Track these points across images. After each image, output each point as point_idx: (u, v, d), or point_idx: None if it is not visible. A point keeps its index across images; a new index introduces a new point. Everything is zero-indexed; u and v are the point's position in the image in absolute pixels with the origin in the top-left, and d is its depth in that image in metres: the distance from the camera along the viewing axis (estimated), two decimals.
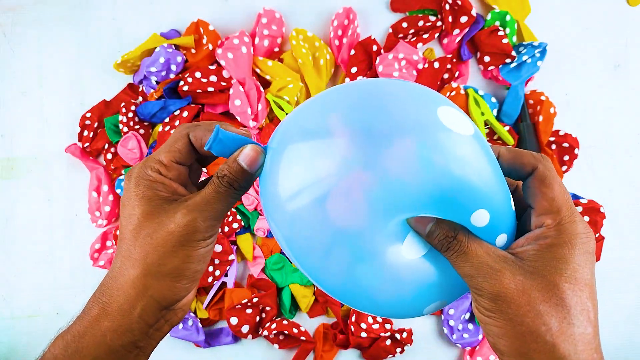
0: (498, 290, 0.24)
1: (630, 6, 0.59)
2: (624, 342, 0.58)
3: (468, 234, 0.26)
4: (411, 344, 0.57)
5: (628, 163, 0.59)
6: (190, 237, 0.27)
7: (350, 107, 0.26)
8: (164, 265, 0.27)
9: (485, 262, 0.25)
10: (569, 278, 0.24)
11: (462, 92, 0.57)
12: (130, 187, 0.28)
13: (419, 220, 0.26)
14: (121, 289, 0.27)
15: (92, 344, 0.27)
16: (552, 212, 0.26)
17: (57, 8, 0.60)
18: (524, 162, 0.27)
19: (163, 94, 0.57)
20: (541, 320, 0.24)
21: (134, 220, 0.27)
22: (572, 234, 0.25)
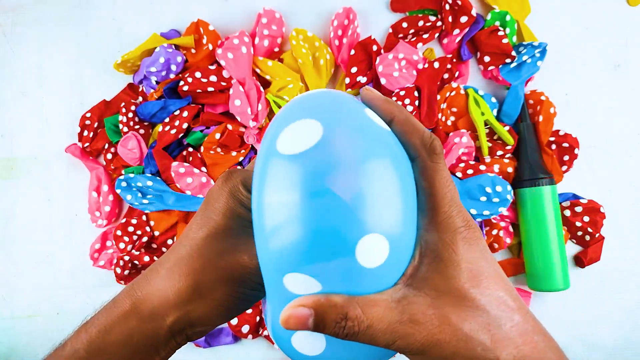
0: (422, 342, 0.21)
1: (630, 6, 0.59)
2: (623, 342, 0.58)
3: (357, 301, 0.22)
4: None
5: (628, 163, 0.59)
6: (254, 277, 0.25)
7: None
8: (216, 290, 0.25)
9: (392, 321, 0.21)
10: (469, 280, 0.22)
11: (462, 92, 0.57)
12: (224, 193, 0.26)
13: (294, 320, 0.21)
14: (161, 291, 0.25)
15: (118, 342, 0.25)
16: (428, 208, 0.23)
17: (57, 8, 0.60)
18: (410, 141, 0.23)
19: (163, 94, 0.57)
20: (474, 342, 0.21)
21: (211, 225, 0.25)
22: (452, 230, 0.23)
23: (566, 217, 0.57)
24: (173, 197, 0.57)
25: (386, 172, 0.21)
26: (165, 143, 0.56)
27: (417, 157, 0.23)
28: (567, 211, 0.57)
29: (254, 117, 0.56)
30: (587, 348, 0.58)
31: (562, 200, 0.58)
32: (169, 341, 0.26)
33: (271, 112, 0.57)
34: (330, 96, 0.24)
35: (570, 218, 0.57)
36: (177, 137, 0.56)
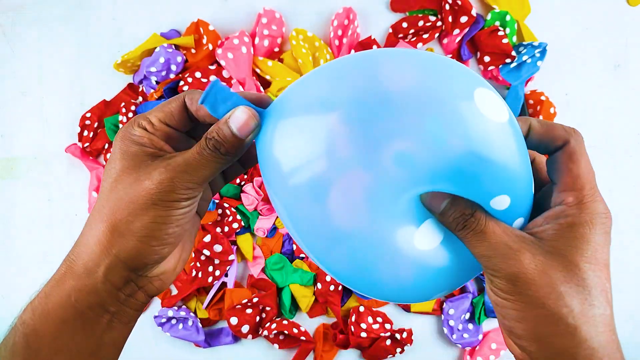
0: (517, 271, 0.23)
1: (630, 6, 0.59)
2: (624, 342, 0.58)
3: (486, 212, 0.25)
4: (411, 344, 0.57)
5: (628, 163, 0.59)
6: (164, 196, 0.25)
7: (365, 86, 0.24)
8: (132, 223, 0.25)
9: (504, 241, 0.24)
10: (589, 258, 0.23)
11: None
12: (117, 141, 0.26)
13: (434, 196, 0.25)
14: (87, 245, 0.26)
15: (58, 304, 0.25)
16: (574, 189, 0.25)
17: (57, 8, 0.60)
18: (555, 135, 0.26)
19: (163, 94, 0.57)
20: (563, 302, 0.23)
21: (112, 174, 0.26)
22: (594, 213, 0.24)
23: None
24: None
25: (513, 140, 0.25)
26: None
27: (566, 142, 0.26)
28: None
29: None
30: None
31: None
32: (115, 294, 0.26)
33: None
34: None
35: None
36: None
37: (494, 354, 0.57)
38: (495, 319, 0.59)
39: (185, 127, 0.28)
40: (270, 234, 0.58)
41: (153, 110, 0.27)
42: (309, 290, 0.57)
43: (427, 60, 0.25)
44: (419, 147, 0.23)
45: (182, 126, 0.28)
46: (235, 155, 0.26)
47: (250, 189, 0.57)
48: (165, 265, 0.28)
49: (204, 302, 0.57)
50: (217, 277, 0.56)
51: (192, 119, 0.28)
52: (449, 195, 0.25)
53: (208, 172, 0.26)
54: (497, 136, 0.24)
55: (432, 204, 0.25)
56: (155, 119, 0.27)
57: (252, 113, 0.25)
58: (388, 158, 0.23)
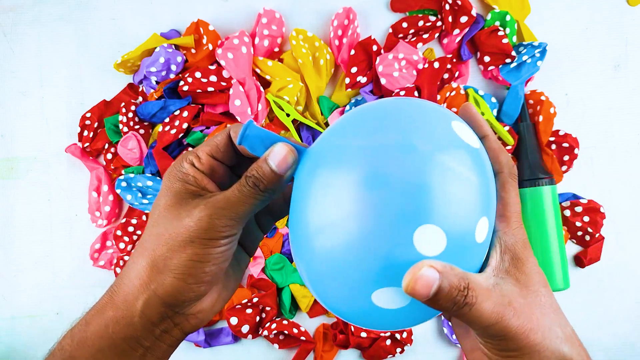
0: (516, 327, 0.23)
1: (630, 6, 0.59)
2: (623, 342, 0.58)
3: (475, 277, 0.23)
4: (411, 344, 0.57)
5: (628, 163, 0.59)
6: (202, 233, 0.25)
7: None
8: (170, 259, 0.25)
9: (498, 302, 0.23)
10: (540, 280, 0.25)
11: (462, 92, 0.57)
12: (164, 179, 0.27)
13: (418, 281, 0.21)
14: (128, 278, 0.26)
15: (96, 333, 0.26)
16: (504, 215, 0.26)
17: (57, 8, 0.60)
18: (497, 160, 0.27)
19: (163, 94, 0.57)
20: (552, 334, 0.24)
21: (156, 210, 0.27)
22: (523, 237, 0.26)
23: (566, 217, 0.57)
24: None
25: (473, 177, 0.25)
26: (165, 143, 0.56)
27: (501, 172, 0.27)
28: (567, 211, 0.57)
29: (254, 117, 0.56)
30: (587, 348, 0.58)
31: (562, 200, 0.58)
32: (151, 329, 0.26)
33: (271, 112, 0.57)
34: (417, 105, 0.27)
35: (570, 218, 0.57)
36: (177, 137, 0.56)
37: None
38: None
39: (231, 161, 0.29)
40: (270, 234, 0.58)
41: (201, 145, 0.28)
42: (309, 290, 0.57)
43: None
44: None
45: (228, 159, 0.28)
46: (275, 191, 0.26)
47: None
48: (202, 303, 0.28)
49: None
50: None
51: (237, 152, 0.28)
52: (436, 273, 0.22)
53: (247, 208, 0.26)
54: (474, 157, 0.25)
55: (418, 291, 0.22)
56: (202, 153, 0.27)
57: (290, 149, 0.26)
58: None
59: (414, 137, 0.24)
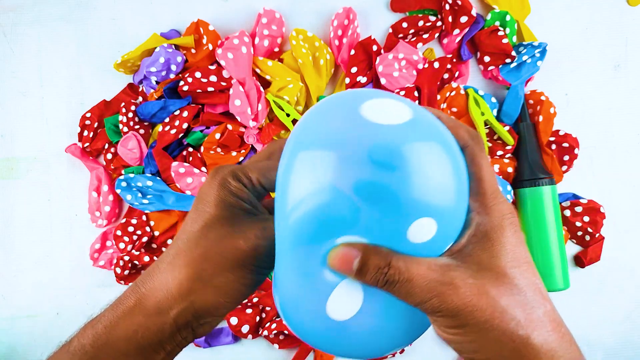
0: (457, 304, 0.22)
1: (630, 6, 0.59)
2: (623, 342, 0.58)
3: (402, 256, 0.23)
4: (411, 345, 0.57)
5: (628, 163, 0.59)
6: (253, 260, 0.25)
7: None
8: (217, 277, 0.25)
9: (433, 279, 0.22)
10: (512, 262, 0.23)
11: (462, 92, 0.57)
12: (214, 186, 0.27)
13: (341, 258, 0.23)
14: (164, 284, 0.25)
15: (123, 337, 0.25)
16: (478, 193, 0.25)
17: (57, 8, 0.60)
18: (458, 134, 0.26)
19: (163, 94, 0.57)
20: (508, 316, 0.22)
21: (205, 217, 0.26)
22: (500, 215, 0.24)
23: (566, 217, 0.57)
24: (173, 197, 0.57)
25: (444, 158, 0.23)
26: (165, 143, 0.56)
27: (466, 146, 0.25)
28: (567, 211, 0.57)
29: (254, 117, 0.56)
30: (587, 348, 0.58)
31: (562, 200, 0.58)
32: (175, 335, 0.26)
33: (271, 112, 0.57)
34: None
35: (570, 218, 0.57)
36: (177, 137, 0.56)
37: None
38: None
39: None
40: None
41: (252, 167, 0.27)
42: None
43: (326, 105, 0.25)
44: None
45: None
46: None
47: None
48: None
49: None
50: None
51: None
52: (356, 251, 0.23)
53: None
54: (394, 139, 0.22)
55: (342, 268, 0.23)
56: (255, 179, 0.27)
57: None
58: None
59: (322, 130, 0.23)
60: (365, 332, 0.25)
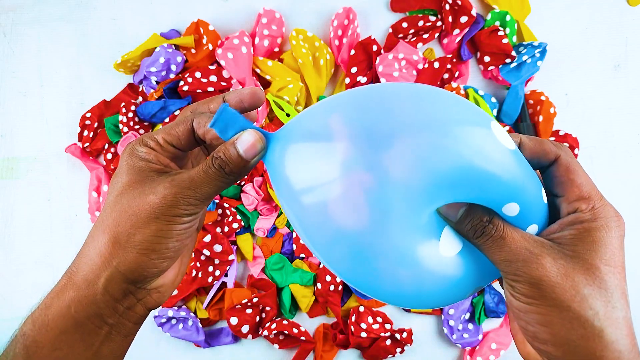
0: (540, 275, 0.23)
1: (630, 6, 0.59)
2: None
3: (502, 219, 0.25)
4: (411, 344, 0.57)
5: (628, 163, 0.59)
6: (166, 210, 0.25)
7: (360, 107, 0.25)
8: (133, 235, 0.25)
9: (524, 246, 0.24)
10: (608, 261, 0.24)
11: (462, 92, 0.57)
12: (124, 157, 0.27)
13: (450, 207, 0.25)
14: (88, 256, 0.26)
15: (58, 315, 0.26)
16: (583, 197, 0.26)
17: (57, 8, 0.60)
18: (545, 150, 0.27)
19: (163, 94, 0.57)
20: (587, 304, 0.23)
21: (117, 187, 0.27)
22: (607, 217, 0.25)
23: None
24: None
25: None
26: None
27: (558, 157, 0.27)
28: None
29: None
30: None
31: None
32: (114, 306, 0.26)
33: (271, 112, 0.57)
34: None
35: None
36: None
37: (494, 354, 0.57)
38: (495, 319, 0.59)
39: (191, 148, 0.29)
40: (270, 234, 0.58)
41: (160, 130, 0.28)
42: (309, 290, 0.57)
43: (447, 96, 0.26)
44: (440, 160, 0.24)
45: (187, 148, 0.28)
46: (239, 175, 0.27)
47: (250, 189, 0.57)
48: (163, 279, 0.28)
49: (204, 302, 0.57)
50: (217, 277, 0.56)
51: (198, 141, 0.28)
52: (465, 203, 0.25)
53: (211, 189, 0.26)
54: (506, 156, 0.25)
55: (448, 212, 0.26)
56: (162, 139, 0.27)
57: (259, 136, 0.26)
58: (405, 170, 0.24)
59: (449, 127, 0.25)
60: (455, 278, 0.27)
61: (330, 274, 0.56)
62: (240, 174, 0.27)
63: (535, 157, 0.27)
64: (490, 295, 0.57)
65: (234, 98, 0.28)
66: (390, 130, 0.24)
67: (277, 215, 0.58)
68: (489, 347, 0.57)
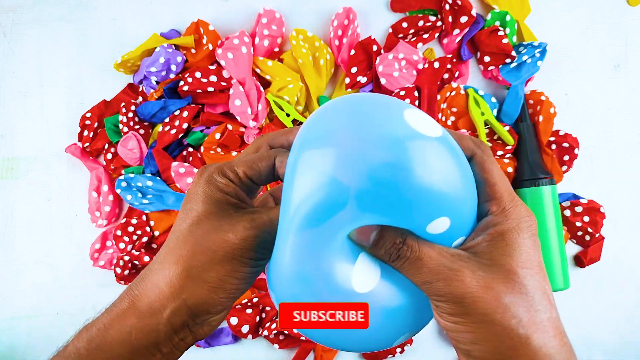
0: (462, 292, 0.23)
1: (630, 6, 0.59)
2: (623, 342, 0.58)
3: (417, 238, 0.24)
4: (411, 344, 0.57)
5: (628, 163, 0.59)
6: (245, 253, 0.25)
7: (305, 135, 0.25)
8: (207, 272, 0.25)
9: (442, 263, 0.23)
10: (524, 263, 0.23)
11: (462, 92, 0.57)
12: (200, 184, 0.27)
13: (362, 230, 0.24)
14: (156, 284, 0.25)
15: (117, 340, 0.25)
16: (494, 198, 0.25)
17: (57, 8, 0.60)
18: (463, 146, 0.26)
19: (163, 94, 0.57)
20: (510, 313, 0.22)
21: (193, 215, 0.26)
22: (518, 218, 0.25)
23: (566, 217, 0.57)
24: (173, 197, 0.57)
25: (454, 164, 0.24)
26: (165, 143, 0.56)
27: (474, 155, 0.26)
28: (567, 211, 0.57)
29: (254, 117, 0.56)
30: (587, 348, 0.58)
31: (562, 200, 0.58)
32: (171, 337, 0.26)
33: (271, 112, 0.57)
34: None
35: (570, 218, 0.57)
36: (177, 137, 0.56)
37: None
38: None
39: (267, 184, 0.29)
40: None
41: (240, 162, 0.27)
42: None
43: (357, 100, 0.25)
44: (348, 170, 0.22)
45: (265, 183, 0.28)
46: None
47: None
48: (219, 314, 0.28)
49: None
50: None
51: (276, 177, 0.28)
52: (377, 226, 0.24)
53: None
54: (431, 148, 0.23)
55: (360, 238, 0.24)
56: (242, 173, 0.27)
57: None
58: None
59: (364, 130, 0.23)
60: (383, 309, 0.25)
61: None
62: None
63: None
64: None
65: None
66: (307, 142, 0.24)
67: None
68: None
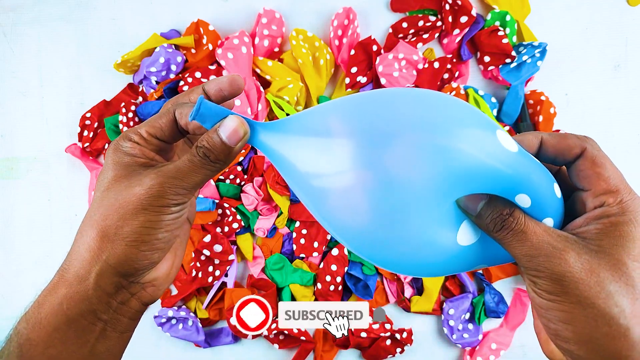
0: (563, 270, 0.22)
1: (630, 6, 0.59)
2: None
3: (524, 213, 0.25)
4: (411, 344, 0.57)
5: (628, 163, 0.59)
6: (154, 201, 0.25)
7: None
8: (121, 228, 0.25)
9: (546, 240, 0.23)
10: (636, 256, 0.23)
11: (462, 92, 0.57)
12: (109, 154, 0.27)
13: (470, 199, 0.25)
14: (77, 253, 0.26)
15: (50, 313, 0.25)
16: (611, 191, 0.25)
17: (57, 8, 0.60)
18: (569, 144, 0.26)
19: (163, 94, 0.57)
20: (613, 301, 0.22)
21: (104, 183, 0.27)
22: (636, 210, 0.24)
23: None
24: None
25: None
26: None
27: (584, 150, 0.26)
28: None
29: (253, 117, 0.56)
30: None
31: None
32: (108, 301, 0.26)
33: (271, 112, 0.57)
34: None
35: None
36: None
37: (494, 354, 0.57)
38: (495, 319, 0.59)
39: (175, 140, 0.29)
40: (270, 234, 0.58)
41: (143, 124, 0.28)
42: (309, 290, 0.57)
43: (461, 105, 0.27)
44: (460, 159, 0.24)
45: (172, 139, 0.28)
46: (225, 162, 0.26)
47: (250, 189, 0.57)
48: (157, 272, 0.28)
49: (204, 302, 0.57)
50: (217, 277, 0.56)
51: (181, 132, 0.28)
52: (486, 195, 0.25)
53: (198, 178, 0.26)
54: (510, 155, 0.25)
55: (468, 205, 0.25)
56: (145, 132, 0.27)
57: (240, 122, 0.26)
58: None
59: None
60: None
61: (330, 274, 0.56)
62: (225, 161, 0.26)
63: (559, 153, 0.26)
64: (490, 295, 0.57)
65: (214, 87, 0.28)
66: (392, 130, 0.24)
67: (277, 215, 0.58)
68: (489, 347, 0.57)
